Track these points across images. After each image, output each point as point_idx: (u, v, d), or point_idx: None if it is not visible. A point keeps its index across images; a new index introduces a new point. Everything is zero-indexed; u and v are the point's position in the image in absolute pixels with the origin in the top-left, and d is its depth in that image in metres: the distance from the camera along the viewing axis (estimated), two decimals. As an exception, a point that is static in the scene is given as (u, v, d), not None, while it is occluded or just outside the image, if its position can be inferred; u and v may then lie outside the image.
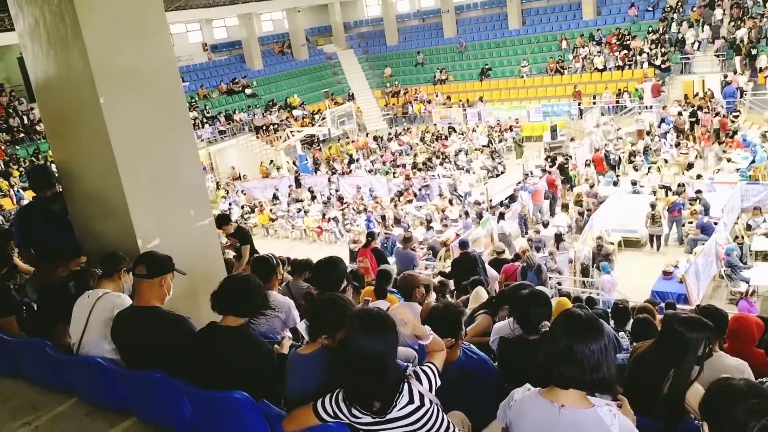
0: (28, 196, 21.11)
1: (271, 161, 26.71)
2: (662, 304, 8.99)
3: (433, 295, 7.12)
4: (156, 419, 3.50)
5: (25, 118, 24.96)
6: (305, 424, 2.65)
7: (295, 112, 30.74)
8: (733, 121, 21.02)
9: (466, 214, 15.88)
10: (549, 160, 20.24)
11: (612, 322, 6.76)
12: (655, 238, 14.50)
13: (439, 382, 2.65)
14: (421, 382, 2.57)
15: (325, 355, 2.88)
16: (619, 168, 19.88)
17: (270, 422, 2.90)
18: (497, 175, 22.69)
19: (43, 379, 4.13)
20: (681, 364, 2.93)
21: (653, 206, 14.38)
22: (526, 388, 2.51)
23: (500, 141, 25.55)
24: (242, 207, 22.42)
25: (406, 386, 2.52)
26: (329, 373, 2.80)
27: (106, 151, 4.16)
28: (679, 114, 22.06)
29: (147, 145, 4.31)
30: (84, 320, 3.68)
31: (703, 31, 25.55)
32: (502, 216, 16.02)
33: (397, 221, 18.19)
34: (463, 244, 10.18)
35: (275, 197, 22.80)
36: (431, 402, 2.56)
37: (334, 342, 2.84)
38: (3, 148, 23.19)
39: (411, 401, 2.51)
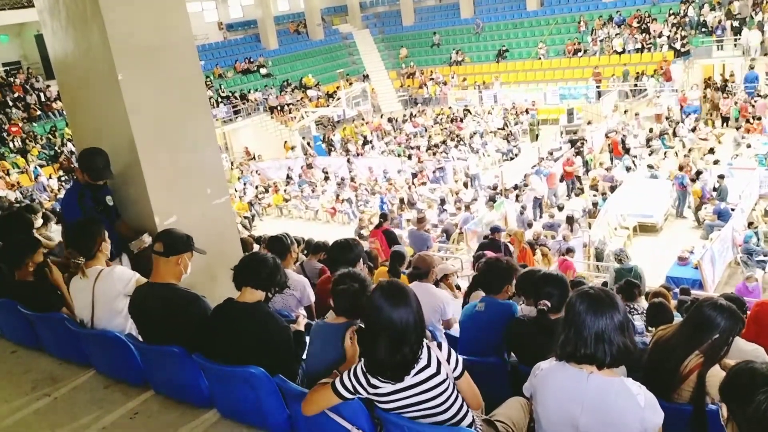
0: (45, 174, 21.33)
1: (285, 142, 26.72)
2: (677, 290, 8.95)
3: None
4: (173, 393, 3.55)
5: (42, 95, 25.09)
6: (325, 404, 2.67)
7: (310, 93, 30.66)
8: (753, 106, 20.72)
9: (467, 207, 15.69)
10: (571, 144, 20.03)
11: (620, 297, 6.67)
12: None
13: (459, 365, 2.62)
14: (440, 350, 2.58)
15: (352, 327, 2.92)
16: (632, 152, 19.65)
17: (285, 397, 2.94)
18: (512, 158, 22.55)
19: (63, 351, 4.20)
20: (708, 349, 2.91)
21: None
22: (552, 360, 2.53)
23: (516, 124, 25.35)
24: (256, 187, 22.49)
25: (425, 349, 2.53)
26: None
27: (124, 128, 4.18)
28: (716, 89, 21.91)
29: (164, 122, 4.33)
30: (89, 300, 3.73)
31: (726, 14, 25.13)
32: (517, 198, 15.94)
33: (411, 204, 18.17)
34: (495, 230, 10.20)
35: (289, 177, 22.84)
36: (447, 374, 2.57)
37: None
38: (20, 125, 23.35)
39: (428, 365, 2.52)
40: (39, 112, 24.51)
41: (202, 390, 3.33)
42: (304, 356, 3.25)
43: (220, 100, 28.06)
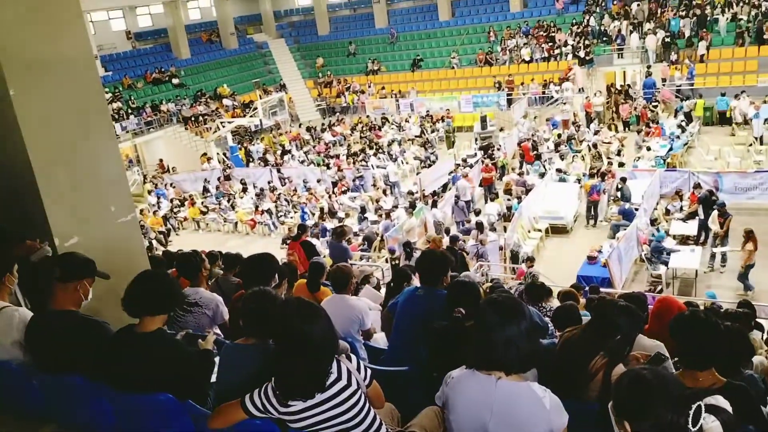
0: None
1: (204, 153, 26.04)
2: (587, 288, 9.34)
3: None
4: (76, 425, 3.37)
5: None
6: (232, 420, 2.61)
7: (225, 102, 30.08)
8: (652, 111, 22.01)
9: (387, 215, 15.86)
10: (483, 150, 20.59)
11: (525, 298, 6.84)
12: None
13: (368, 374, 2.64)
14: (350, 360, 2.59)
15: (263, 348, 2.86)
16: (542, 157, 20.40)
17: (196, 423, 2.85)
18: (429, 165, 22.93)
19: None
20: (612, 349, 3.03)
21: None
22: (463, 368, 2.59)
23: (432, 131, 25.84)
24: (171, 200, 21.79)
25: (335, 363, 2.53)
26: (265, 365, 2.76)
27: (18, 146, 3.95)
28: (618, 93, 23.37)
29: (62, 139, 4.12)
30: None
31: (625, 22, 26.66)
32: (435, 204, 16.22)
33: (332, 213, 18.14)
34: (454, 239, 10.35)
35: (206, 189, 22.29)
36: (358, 384, 2.56)
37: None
38: None
39: (339, 378, 2.51)
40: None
41: (109, 419, 3.17)
42: (214, 378, 3.15)
43: (130, 111, 27.06)
